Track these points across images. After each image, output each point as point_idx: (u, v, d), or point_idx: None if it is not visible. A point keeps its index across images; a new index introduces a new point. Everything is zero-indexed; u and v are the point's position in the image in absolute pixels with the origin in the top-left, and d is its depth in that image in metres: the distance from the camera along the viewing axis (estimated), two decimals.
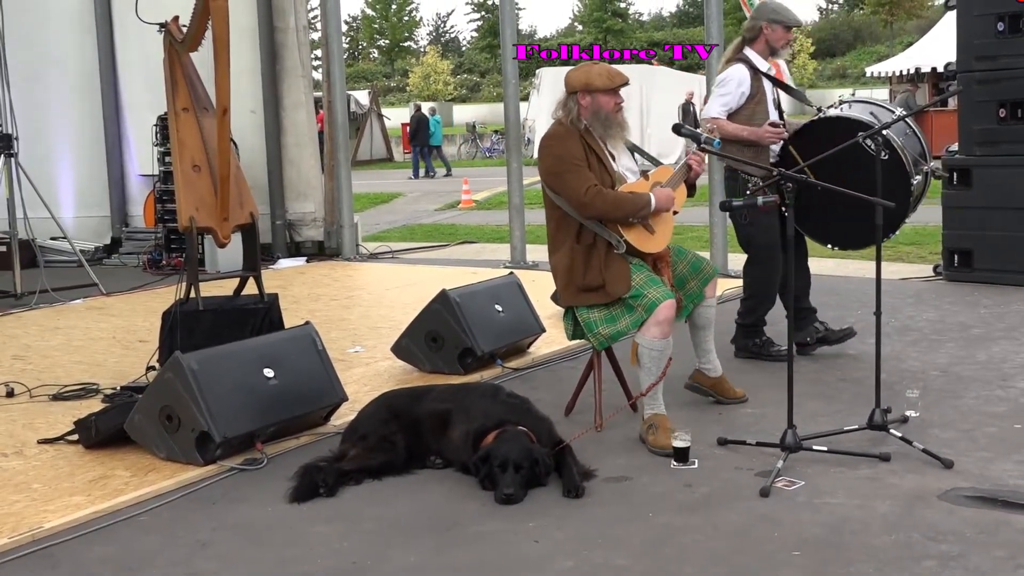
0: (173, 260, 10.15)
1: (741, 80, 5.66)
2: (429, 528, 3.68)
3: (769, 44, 5.72)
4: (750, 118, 5.66)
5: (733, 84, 5.66)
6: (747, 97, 5.66)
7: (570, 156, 4.52)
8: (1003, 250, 7.82)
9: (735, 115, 5.67)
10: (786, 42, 5.75)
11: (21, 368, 6.16)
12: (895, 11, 61.25)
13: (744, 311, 5.96)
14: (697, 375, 5.05)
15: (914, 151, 5.64)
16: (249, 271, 6.03)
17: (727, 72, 5.74)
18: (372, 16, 79.52)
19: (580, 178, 4.46)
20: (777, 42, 5.72)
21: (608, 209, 4.46)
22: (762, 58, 5.74)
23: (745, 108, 5.68)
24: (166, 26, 6.02)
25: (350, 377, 5.53)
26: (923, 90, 25.43)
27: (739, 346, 5.98)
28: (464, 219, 15.73)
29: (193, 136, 5.84)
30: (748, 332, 5.94)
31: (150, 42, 6.64)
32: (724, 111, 5.67)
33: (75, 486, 4.12)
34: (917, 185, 5.64)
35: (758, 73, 5.70)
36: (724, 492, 3.93)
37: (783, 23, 5.69)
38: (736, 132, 5.63)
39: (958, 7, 8.10)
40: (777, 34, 5.70)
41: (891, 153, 5.42)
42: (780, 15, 5.70)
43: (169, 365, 4.36)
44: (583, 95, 4.56)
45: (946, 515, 3.64)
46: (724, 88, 5.70)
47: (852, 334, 5.93)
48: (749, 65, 5.70)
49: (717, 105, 5.69)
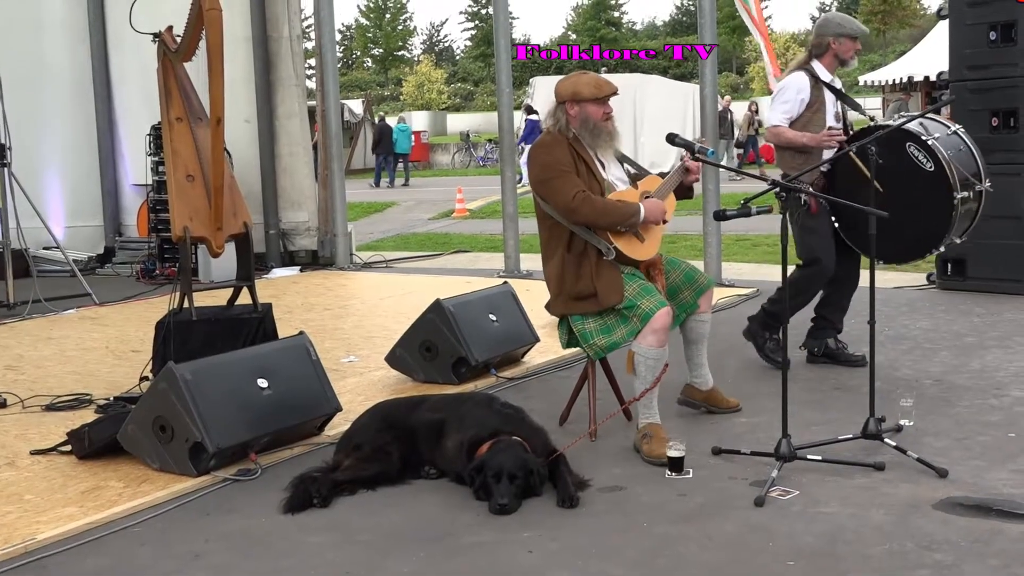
0: (167, 270, 10.13)
1: (800, 88, 5.67)
2: (423, 538, 3.67)
3: (838, 57, 5.73)
4: (805, 126, 5.66)
5: (792, 91, 5.68)
6: (806, 104, 5.67)
7: (557, 163, 4.52)
8: (996, 259, 7.84)
9: (793, 124, 5.68)
10: (854, 52, 5.75)
11: (13, 378, 6.14)
12: (888, 20, 61.48)
13: (775, 298, 5.84)
14: (688, 389, 5.04)
15: (966, 168, 5.50)
16: (243, 281, 6.02)
17: (786, 80, 5.78)
18: (366, 25, 79.61)
19: (568, 184, 4.46)
20: (846, 53, 5.73)
21: (596, 215, 4.46)
22: (828, 71, 5.74)
23: (803, 116, 5.69)
24: (160, 36, 6.03)
25: (344, 387, 5.52)
26: (916, 99, 25.49)
27: (750, 328, 5.96)
28: (458, 228, 15.73)
29: (187, 146, 5.84)
30: (765, 322, 5.90)
31: (144, 52, 6.64)
32: (785, 119, 5.68)
33: (68, 497, 4.10)
34: (964, 201, 5.44)
35: (819, 82, 5.69)
36: (719, 502, 3.92)
37: (849, 34, 5.71)
38: (795, 139, 5.64)
39: (950, 17, 8.14)
40: (845, 46, 5.71)
41: (936, 166, 5.32)
42: (845, 28, 5.72)
43: (162, 375, 4.35)
44: (571, 105, 4.57)
45: (940, 524, 3.64)
46: (783, 96, 5.72)
47: (862, 364, 5.74)
48: (811, 74, 5.71)
49: (778, 113, 5.71)
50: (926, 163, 5.34)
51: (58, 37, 11.02)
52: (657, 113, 24.38)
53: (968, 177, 5.47)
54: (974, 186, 5.51)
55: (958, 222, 5.50)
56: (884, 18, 61.32)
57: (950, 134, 5.60)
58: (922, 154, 5.36)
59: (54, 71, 11.01)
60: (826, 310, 5.93)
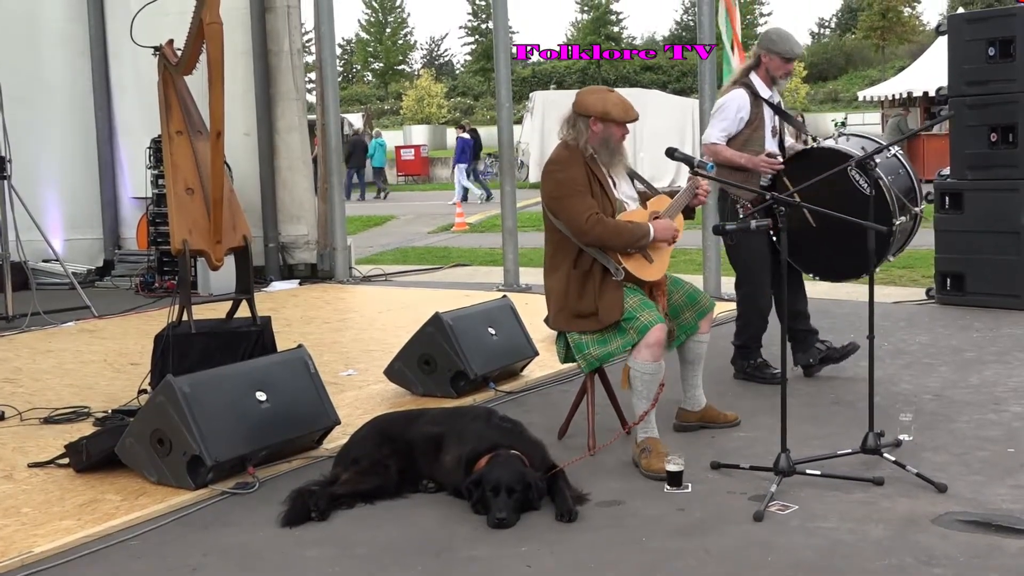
0: (166, 283, 10.12)
1: (740, 105, 5.66)
2: (421, 552, 3.66)
3: (768, 73, 5.69)
4: (746, 143, 5.66)
5: (732, 110, 5.66)
6: (745, 122, 5.66)
7: (572, 181, 4.52)
8: (995, 274, 7.84)
9: (732, 140, 5.67)
10: (784, 73, 5.70)
11: (12, 391, 6.14)
12: (887, 36, 61.65)
13: (736, 331, 5.99)
14: (682, 414, 5.02)
15: (903, 191, 5.59)
16: (242, 294, 6.02)
17: (727, 97, 5.74)
18: (366, 39, 79.74)
19: (581, 204, 4.46)
20: (775, 71, 5.68)
21: (608, 237, 4.46)
22: (765, 86, 5.71)
23: (742, 133, 5.67)
24: (161, 49, 6.04)
25: (343, 400, 5.51)
26: (915, 114, 25.56)
27: (736, 367, 5.99)
28: (457, 242, 15.73)
29: (187, 159, 5.85)
30: (742, 353, 5.95)
31: (144, 65, 6.66)
32: (723, 136, 5.67)
33: (65, 510, 4.09)
34: (901, 226, 5.56)
35: (759, 99, 5.68)
36: (717, 516, 3.92)
37: (780, 54, 5.65)
38: (733, 159, 5.62)
39: (949, 32, 8.16)
40: (774, 63, 5.67)
41: (877, 191, 5.33)
42: (776, 46, 5.66)
43: (161, 388, 4.34)
44: (596, 121, 4.55)
45: (939, 539, 3.63)
46: (723, 113, 5.70)
47: (855, 348, 5.87)
48: (750, 90, 5.69)
49: (716, 131, 5.69)
50: (866, 188, 5.32)
51: (58, 50, 11.04)
52: (656, 128, 24.37)
53: (905, 202, 5.54)
54: (911, 210, 5.60)
55: (893, 246, 5.60)
56: (883, 34, 61.51)
57: (889, 157, 5.63)
58: (863, 179, 5.35)
59: (54, 84, 11.03)
60: (796, 322, 5.89)
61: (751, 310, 5.86)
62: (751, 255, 5.70)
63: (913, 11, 64.65)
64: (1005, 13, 7.98)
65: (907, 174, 5.72)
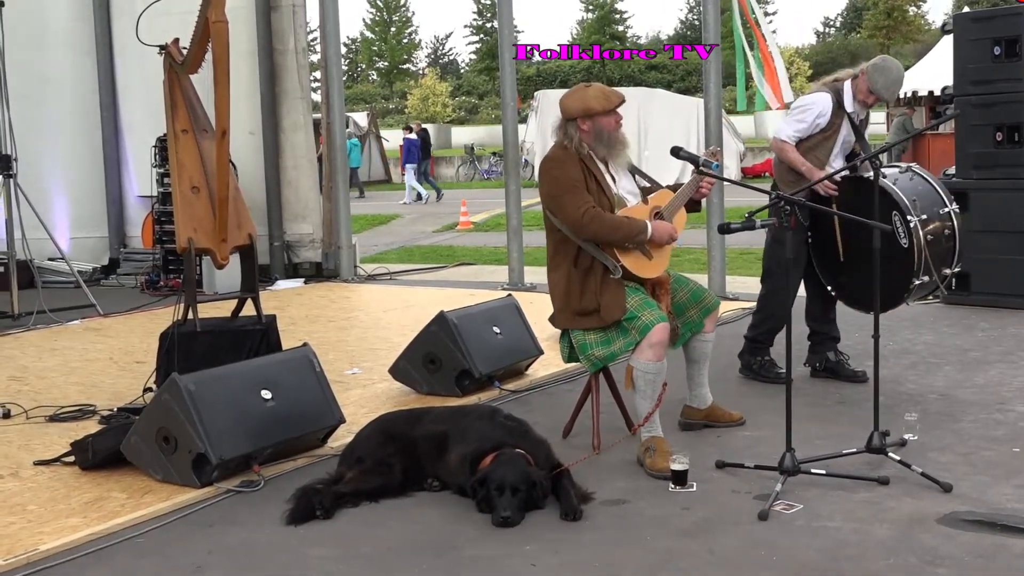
0: (171, 281, 10.14)
1: (822, 112, 5.52)
2: (425, 551, 3.66)
3: (854, 89, 5.55)
4: (811, 149, 5.56)
5: (812, 113, 5.53)
6: (820, 128, 5.55)
7: (568, 178, 4.53)
8: (1000, 273, 7.83)
9: (801, 142, 5.58)
10: (863, 101, 5.53)
11: (18, 389, 6.15)
12: (892, 35, 61.58)
13: (752, 324, 5.96)
14: (687, 411, 5.01)
15: (937, 254, 5.39)
16: (247, 292, 6.02)
17: (812, 97, 5.62)
18: (371, 38, 79.79)
19: (578, 199, 4.47)
20: (858, 94, 5.53)
21: (604, 232, 4.47)
22: (853, 98, 5.56)
23: (812, 138, 5.57)
24: (166, 48, 6.04)
25: (347, 399, 5.52)
26: (920, 113, 25.51)
27: (743, 362, 5.98)
28: (462, 241, 15.74)
29: (192, 158, 5.86)
30: (752, 348, 5.93)
31: (150, 64, 6.66)
32: (795, 137, 5.57)
33: (71, 508, 4.10)
34: (922, 286, 5.41)
35: (842, 109, 5.54)
36: (722, 516, 3.92)
37: (869, 85, 5.47)
38: (795, 162, 5.54)
39: (955, 31, 8.14)
40: (862, 88, 5.50)
41: (909, 245, 5.23)
42: (871, 76, 5.46)
43: (166, 387, 4.35)
44: (583, 121, 4.56)
45: (944, 539, 3.63)
46: (803, 114, 5.57)
47: (863, 379, 5.72)
48: (837, 97, 5.55)
49: (790, 129, 5.58)
50: (902, 238, 5.26)
51: (64, 49, 11.06)
52: (661, 127, 24.37)
53: (931, 267, 5.34)
54: (936, 274, 5.41)
55: (909, 297, 5.47)
56: (888, 33, 61.44)
57: (942, 213, 5.42)
58: (903, 228, 5.27)
59: (60, 83, 11.06)
60: (816, 324, 5.90)
61: (774, 305, 5.80)
62: (785, 252, 5.62)
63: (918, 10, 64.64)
64: (1011, 12, 7.95)
65: (953, 237, 5.48)
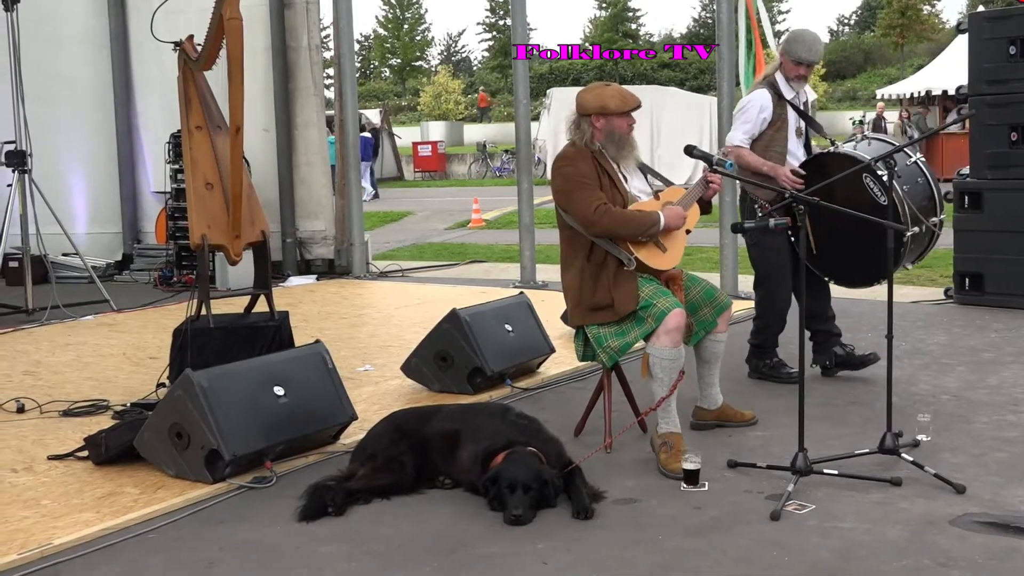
0: (184, 277, 10.18)
1: (763, 106, 5.60)
2: (437, 549, 3.67)
3: (784, 74, 5.64)
4: (769, 144, 5.61)
5: (754, 111, 5.61)
6: (768, 123, 5.60)
7: (579, 175, 4.54)
8: (1014, 274, 7.80)
9: (755, 141, 5.63)
10: (796, 75, 5.60)
11: (32, 384, 6.18)
12: (906, 34, 61.26)
13: (754, 331, 5.97)
14: (698, 412, 5.01)
15: (920, 200, 5.45)
16: (260, 289, 6.04)
17: (749, 97, 5.70)
18: (384, 35, 79.79)
19: (589, 196, 4.48)
20: (787, 73, 5.62)
21: (616, 226, 4.47)
22: (786, 82, 5.64)
23: (764, 134, 5.62)
24: (181, 44, 6.06)
25: (359, 396, 5.52)
26: (934, 113, 25.44)
27: (751, 367, 5.98)
28: (474, 238, 15.73)
29: (206, 154, 5.87)
30: (758, 352, 5.93)
31: (165, 61, 6.69)
32: (746, 138, 5.61)
33: (84, 503, 4.12)
34: (915, 237, 5.41)
35: (782, 99, 5.62)
36: (734, 515, 3.91)
37: (790, 57, 5.58)
38: (756, 165, 5.57)
39: (969, 31, 8.11)
40: (787, 65, 5.60)
41: (889, 201, 5.19)
42: (788, 47, 5.59)
43: (179, 382, 4.37)
44: (597, 118, 4.58)
45: (957, 541, 3.62)
46: (745, 115, 5.64)
47: (874, 360, 5.77)
48: (774, 90, 5.62)
49: (739, 133, 5.63)
50: (880, 196, 5.26)
51: (80, 46, 11.10)
52: (674, 125, 24.34)
53: (917, 215, 5.37)
54: (926, 222, 5.42)
55: (906, 255, 5.47)
56: (902, 32, 61.12)
57: (909, 164, 5.49)
58: (877, 186, 5.28)
59: (76, 79, 11.09)
60: (816, 323, 5.88)
61: (769, 310, 5.84)
62: (771, 255, 5.68)
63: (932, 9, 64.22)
64: None
65: (927, 183, 5.56)
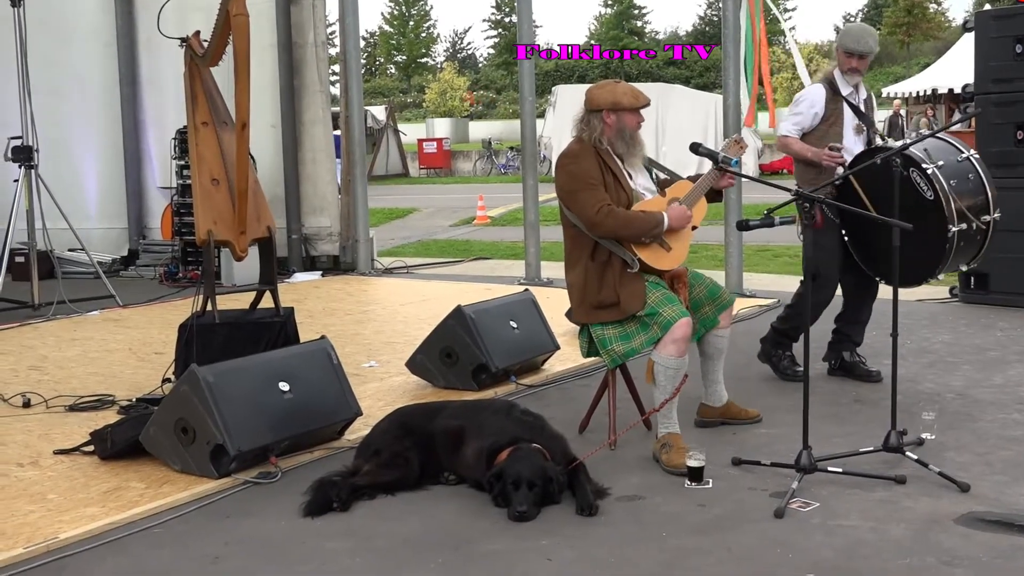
0: (190, 273, 10.19)
1: (814, 101, 5.64)
2: (441, 545, 3.68)
3: (840, 68, 5.65)
4: (821, 139, 5.62)
5: (806, 104, 5.66)
6: (820, 118, 5.63)
7: (584, 174, 4.53)
8: (1020, 273, 7.78)
9: (809, 135, 5.66)
10: (849, 68, 5.60)
11: (38, 379, 6.20)
12: (912, 32, 61.20)
13: (783, 316, 5.92)
14: (703, 409, 5.01)
15: (971, 198, 5.24)
16: (265, 285, 6.05)
17: (804, 92, 5.78)
18: (389, 32, 79.84)
19: (593, 197, 4.47)
20: (841, 66, 5.64)
21: (620, 228, 4.47)
22: (842, 77, 5.65)
23: (817, 129, 5.65)
24: (187, 40, 6.07)
25: (364, 392, 5.53)
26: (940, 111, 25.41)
27: (764, 349, 5.97)
28: (479, 235, 15.74)
29: (212, 150, 5.87)
30: (776, 341, 5.91)
31: (171, 56, 6.69)
32: (796, 129, 5.68)
33: (90, 497, 4.13)
34: (962, 234, 5.19)
35: (837, 95, 5.63)
36: (738, 513, 3.91)
37: (843, 48, 5.60)
38: (800, 151, 5.65)
39: (976, 29, 8.10)
40: (840, 58, 5.65)
41: (934, 196, 5.14)
42: (840, 41, 5.65)
43: (185, 378, 4.38)
44: (609, 113, 4.57)
45: (961, 539, 3.62)
46: (797, 108, 5.71)
47: (877, 379, 5.72)
48: (830, 86, 5.65)
49: (789, 123, 5.72)
50: (926, 191, 5.19)
51: (87, 42, 11.13)
52: (679, 123, 24.33)
53: (964, 211, 5.19)
54: (973, 220, 5.23)
55: (954, 254, 5.27)
56: (908, 30, 61.06)
57: (960, 160, 5.32)
58: (924, 181, 5.21)
59: (82, 75, 11.12)
60: (843, 324, 5.89)
61: (805, 306, 5.75)
62: (823, 254, 5.56)
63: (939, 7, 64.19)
64: None
65: (979, 180, 5.29)
